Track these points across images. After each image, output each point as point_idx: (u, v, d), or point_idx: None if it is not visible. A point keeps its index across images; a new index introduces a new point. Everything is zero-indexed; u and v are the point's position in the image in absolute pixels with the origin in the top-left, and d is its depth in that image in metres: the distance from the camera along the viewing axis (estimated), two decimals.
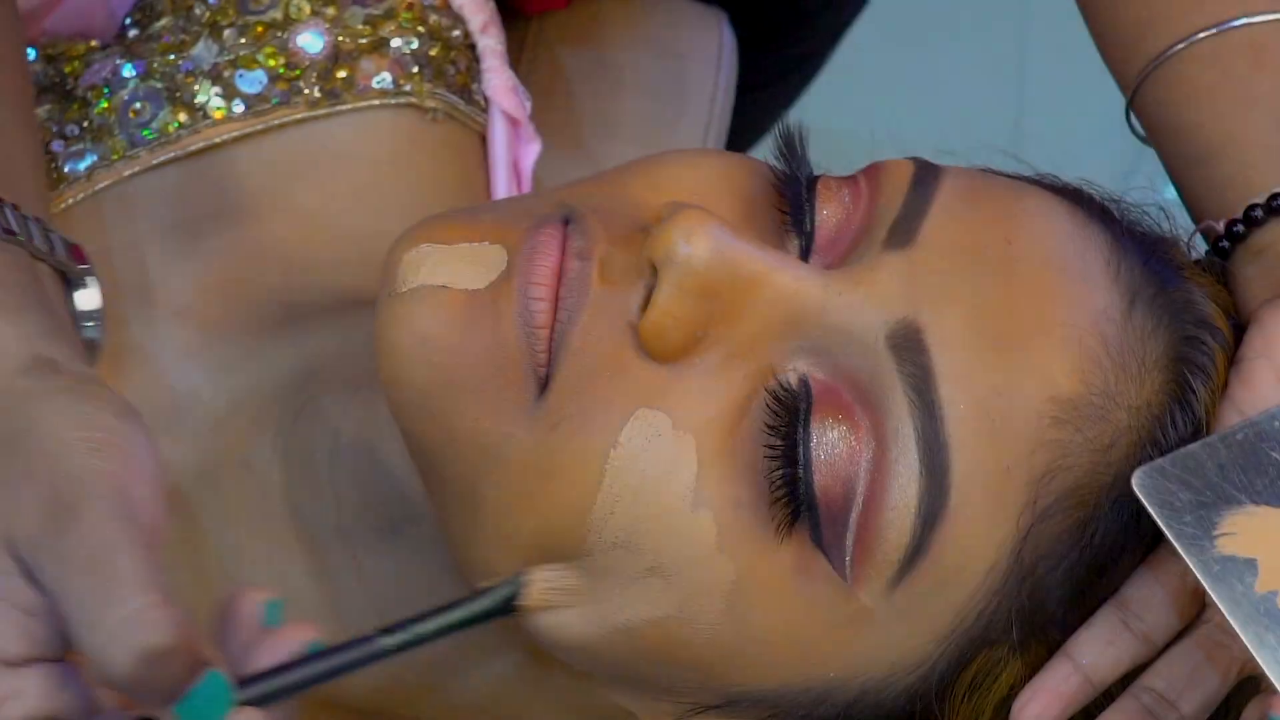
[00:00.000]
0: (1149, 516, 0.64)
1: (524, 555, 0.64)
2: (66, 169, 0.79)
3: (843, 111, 0.86)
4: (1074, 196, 0.69)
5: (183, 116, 0.80)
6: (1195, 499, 0.63)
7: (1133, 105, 0.75)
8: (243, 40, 0.81)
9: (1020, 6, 1.77)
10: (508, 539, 0.64)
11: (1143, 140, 0.76)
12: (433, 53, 0.83)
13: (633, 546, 0.63)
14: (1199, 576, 0.62)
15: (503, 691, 0.72)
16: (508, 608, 0.62)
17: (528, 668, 0.71)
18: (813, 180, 0.67)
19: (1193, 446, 0.64)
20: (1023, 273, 0.65)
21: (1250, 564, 0.62)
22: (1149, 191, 0.72)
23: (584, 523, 0.63)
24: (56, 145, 0.80)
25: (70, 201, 0.79)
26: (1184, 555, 0.63)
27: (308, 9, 0.82)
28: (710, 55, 0.97)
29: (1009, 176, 0.71)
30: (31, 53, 0.82)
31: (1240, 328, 0.69)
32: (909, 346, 0.63)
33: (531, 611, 0.62)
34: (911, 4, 1.67)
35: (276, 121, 0.81)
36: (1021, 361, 0.63)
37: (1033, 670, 0.66)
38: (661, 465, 0.62)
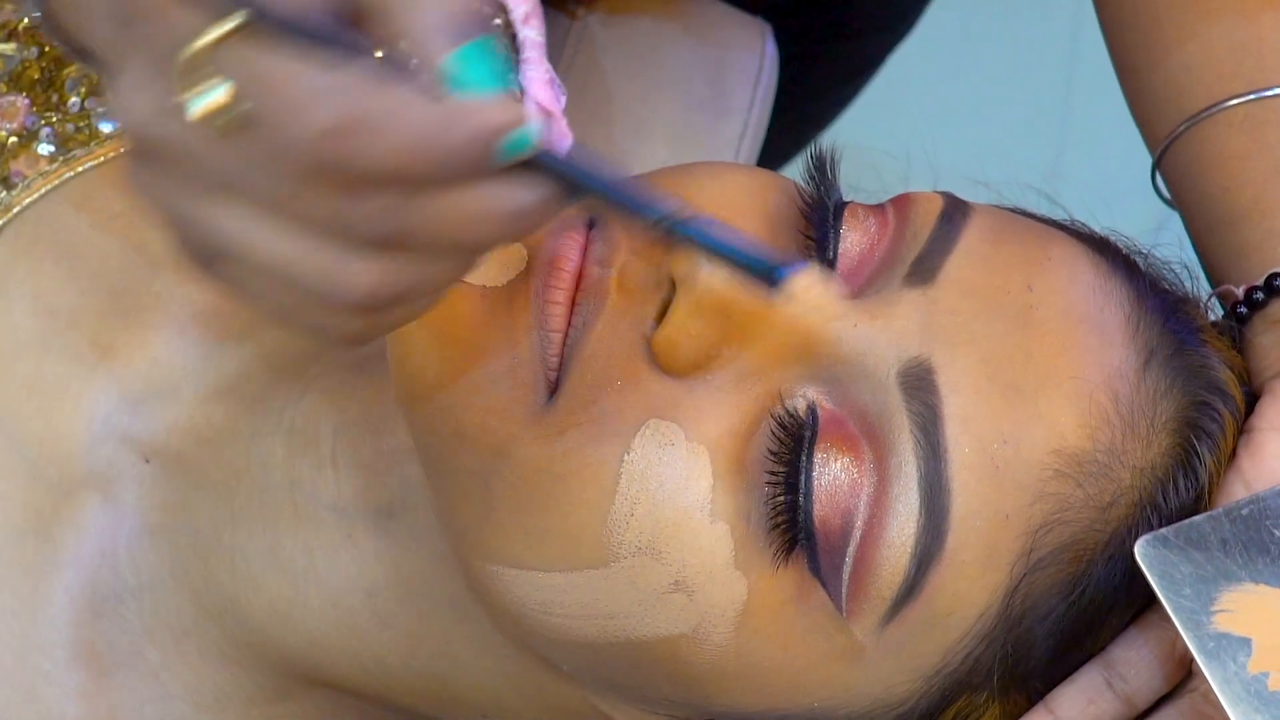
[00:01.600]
0: (1141, 578, 0.64)
1: (545, 550, 0.64)
2: (100, 126, 0.80)
3: (880, 130, 0.85)
4: (1101, 247, 0.69)
5: None
6: (1196, 572, 0.63)
7: (1160, 165, 0.75)
8: None
9: (1071, 45, 1.77)
10: (525, 533, 0.64)
11: (1167, 203, 0.76)
12: None
13: (657, 553, 0.62)
14: (1193, 651, 0.62)
15: (484, 683, 0.72)
16: (771, 279, 0.57)
17: (511, 662, 0.71)
18: (840, 206, 0.67)
19: (1197, 519, 0.64)
20: (1041, 321, 0.64)
21: (1245, 643, 0.62)
22: (1176, 249, 0.72)
23: (604, 523, 0.62)
24: (92, 102, 0.80)
25: (102, 159, 0.79)
26: (1180, 629, 0.63)
27: None
28: (751, 66, 0.97)
29: (1039, 219, 0.70)
30: None
31: (1253, 396, 0.68)
32: (920, 386, 0.63)
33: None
34: (963, 32, 1.66)
35: None
36: (1031, 411, 0.63)
37: (1011, 719, 0.66)
38: (678, 472, 0.62)
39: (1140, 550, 0.63)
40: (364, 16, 0.54)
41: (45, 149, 0.79)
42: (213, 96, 0.52)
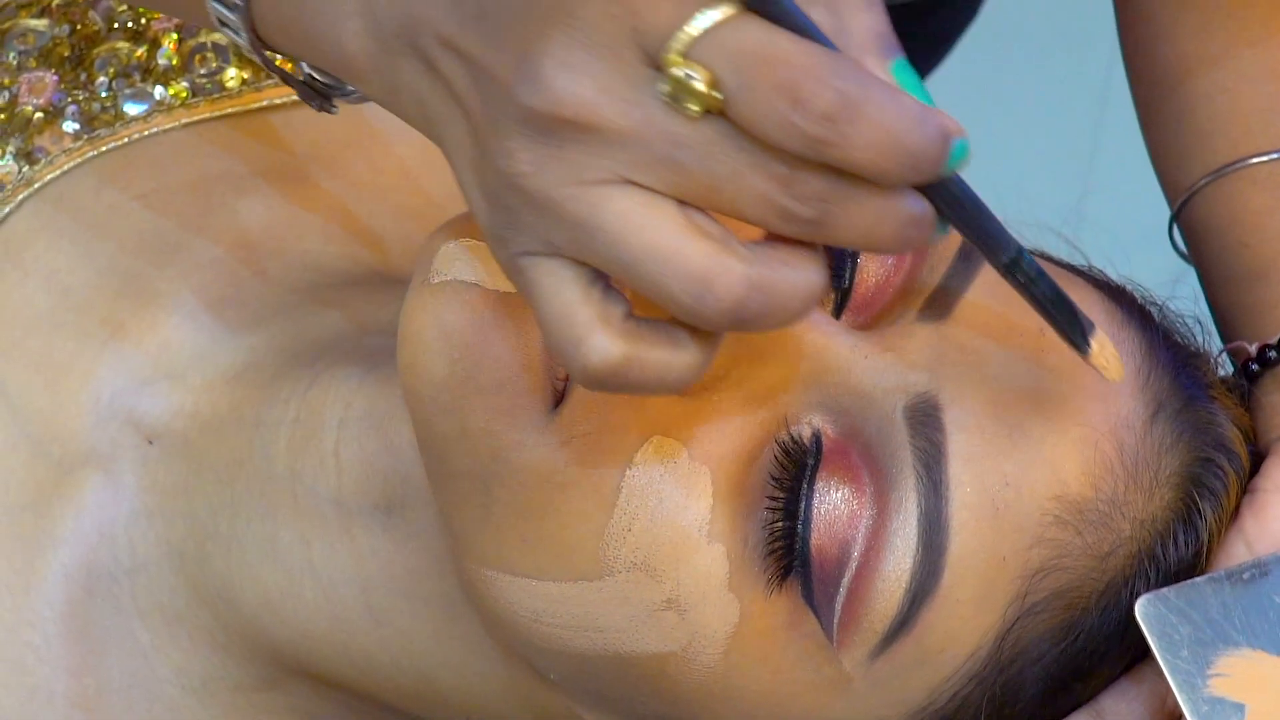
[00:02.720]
0: (1135, 630, 0.64)
1: (540, 558, 0.64)
2: (126, 108, 0.80)
3: None
4: (1117, 296, 0.69)
5: (247, 73, 0.80)
6: (1194, 634, 0.63)
7: (1179, 217, 0.75)
8: None
9: (1102, 90, 1.76)
10: (522, 540, 0.64)
11: (1183, 258, 0.76)
12: None
13: (652, 570, 0.62)
14: (1187, 716, 0.62)
15: (471, 686, 0.72)
16: (1084, 339, 0.59)
17: (499, 667, 0.70)
18: None
19: (1199, 580, 0.64)
20: (1051, 365, 0.64)
21: (1239, 709, 0.62)
22: (1191, 303, 0.72)
23: (601, 535, 0.62)
24: (119, 83, 0.80)
25: (125, 140, 0.79)
26: (1175, 691, 0.63)
27: None
28: None
29: (1057, 264, 0.70)
30: None
31: (1259, 455, 0.68)
32: (926, 421, 0.63)
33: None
34: (993, 71, 1.66)
35: None
36: (1035, 455, 0.63)
37: None
38: (679, 490, 0.62)
39: (1141, 609, 0.63)
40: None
41: (70, 126, 0.79)
42: (692, 80, 0.52)
